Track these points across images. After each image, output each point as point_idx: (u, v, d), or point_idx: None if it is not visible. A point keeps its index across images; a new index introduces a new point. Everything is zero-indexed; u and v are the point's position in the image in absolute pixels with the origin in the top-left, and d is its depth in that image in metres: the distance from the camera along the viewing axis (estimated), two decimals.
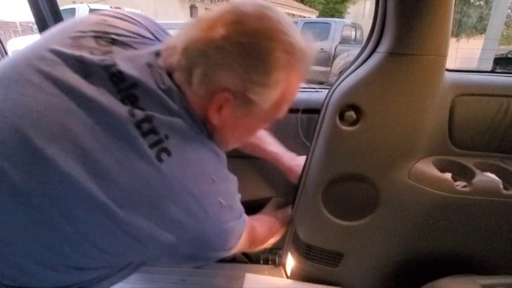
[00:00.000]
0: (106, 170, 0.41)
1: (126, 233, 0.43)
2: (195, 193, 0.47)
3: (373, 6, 0.76)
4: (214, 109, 0.50)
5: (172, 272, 1.09)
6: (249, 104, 0.49)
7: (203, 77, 0.47)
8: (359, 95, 0.77)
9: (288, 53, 0.47)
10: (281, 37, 0.47)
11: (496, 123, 0.83)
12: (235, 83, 0.47)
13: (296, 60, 0.49)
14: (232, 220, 0.57)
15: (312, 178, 0.91)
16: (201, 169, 0.49)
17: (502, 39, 6.84)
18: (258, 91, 0.48)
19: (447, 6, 0.66)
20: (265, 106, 0.51)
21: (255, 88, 0.47)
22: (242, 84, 0.47)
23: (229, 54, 0.45)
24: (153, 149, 0.44)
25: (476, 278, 0.76)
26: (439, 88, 0.76)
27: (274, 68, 0.47)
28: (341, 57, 5.74)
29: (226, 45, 0.45)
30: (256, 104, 0.49)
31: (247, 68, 0.46)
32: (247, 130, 0.60)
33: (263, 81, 0.47)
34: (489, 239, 0.86)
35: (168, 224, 0.45)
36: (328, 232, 0.95)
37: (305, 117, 0.96)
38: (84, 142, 0.41)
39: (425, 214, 0.85)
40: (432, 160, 0.84)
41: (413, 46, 0.70)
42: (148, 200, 0.43)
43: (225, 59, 0.45)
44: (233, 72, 0.46)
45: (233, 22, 0.46)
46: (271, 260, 1.19)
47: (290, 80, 0.50)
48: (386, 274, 0.99)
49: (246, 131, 0.60)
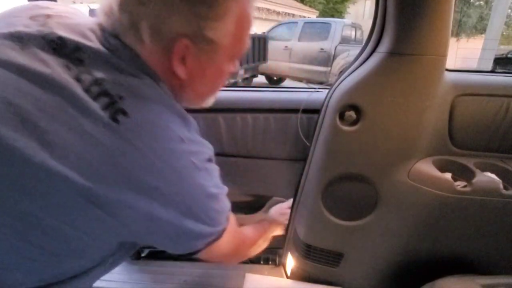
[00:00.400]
0: (61, 140, 0.38)
1: (96, 206, 0.39)
2: (162, 152, 0.42)
3: (373, 6, 0.76)
4: (178, 62, 0.47)
5: (173, 272, 1.09)
6: (210, 44, 0.46)
7: (152, 31, 0.44)
8: (359, 95, 0.77)
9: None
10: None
11: (496, 123, 0.83)
12: (187, 26, 0.43)
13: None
14: (213, 186, 0.50)
15: (312, 178, 0.91)
16: (165, 127, 0.44)
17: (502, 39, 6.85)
18: (213, 26, 0.45)
19: (447, 6, 0.66)
20: (226, 42, 0.48)
21: (209, 24, 0.44)
22: (195, 24, 0.44)
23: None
24: (107, 111, 0.40)
25: (476, 278, 0.76)
26: (439, 88, 0.76)
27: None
28: (341, 57, 5.74)
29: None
30: (217, 43, 0.47)
31: (192, 6, 0.43)
32: (217, 73, 0.54)
33: (214, 14, 0.44)
34: (489, 239, 0.86)
35: (138, 189, 0.41)
36: (328, 232, 0.95)
37: (305, 117, 0.96)
38: (30, 115, 0.38)
39: (425, 214, 0.85)
40: (432, 160, 0.84)
41: (413, 46, 0.70)
42: (112, 165, 0.39)
43: (166, 3, 0.42)
44: (180, 14, 0.43)
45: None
46: (271, 260, 1.19)
47: (239, 4, 0.47)
48: (386, 274, 0.99)
49: (217, 75, 0.54)
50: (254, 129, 0.98)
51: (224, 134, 0.99)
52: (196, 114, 1.02)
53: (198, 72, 0.50)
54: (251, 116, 0.98)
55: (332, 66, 5.87)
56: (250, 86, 4.83)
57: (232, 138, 1.00)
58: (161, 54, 0.46)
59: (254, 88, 1.12)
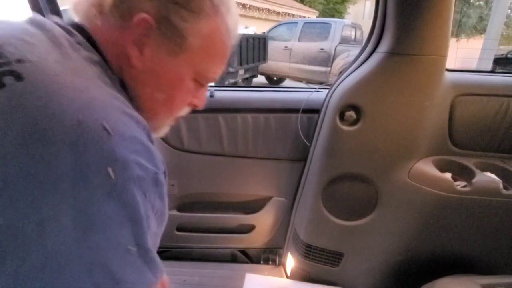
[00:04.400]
0: None
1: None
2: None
3: (373, 6, 0.76)
4: (133, 43, 0.40)
5: (173, 272, 1.09)
6: (174, 35, 0.40)
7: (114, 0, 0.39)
8: (359, 95, 0.77)
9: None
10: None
11: (496, 123, 0.83)
12: (155, 5, 0.39)
13: (219, 2, 0.43)
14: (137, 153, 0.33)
15: (312, 178, 0.91)
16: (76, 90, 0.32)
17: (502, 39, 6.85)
18: (183, 16, 0.40)
19: (447, 6, 0.66)
20: (194, 43, 0.42)
21: (179, 10, 0.40)
22: (164, 5, 0.39)
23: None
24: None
25: (476, 278, 0.76)
26: (439, 88, 0.77)
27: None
28: (341, 57, 5.74)
29: None
30: (183, 36, 0.41)
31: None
32: (175, 82, 0.45)
33: (187, 3, 0.40)
34: (489, 239, 0.86)
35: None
36: (328, 232, 0.95)
37: (305, 117, 0.96)
38: None
39: (425, 214, 0.85)
40: (432, 160, 0.84)
41: (413, 46, 0.70)
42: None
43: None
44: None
45: None
46: (271, 260, 1.19)
47: (216, 23, 0.43)
48: (386, 273, 0.99)
49: (174, 83, 0.45)
50: (254, 129, 0.98)
51: (224, 134, 0.99)
52: (196, 114, 1.02)
53: (154, 66, 0.42)
54: (251, 116, 0.98)
55: (332, 66, 5.87)
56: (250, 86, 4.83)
57: (232, 138, 1.00)
58: (116, 29, 0.40)
59: (254, 88, 1.12)
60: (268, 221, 1.11)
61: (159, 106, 0.47)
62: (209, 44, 0.44)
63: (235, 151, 1.01)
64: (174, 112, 0.49)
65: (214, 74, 0.47)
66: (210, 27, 0.43)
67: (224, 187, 1.07)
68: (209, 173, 1.05)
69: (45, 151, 0.28)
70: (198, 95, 0.50)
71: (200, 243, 1.14)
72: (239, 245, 1.17)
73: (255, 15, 11.91)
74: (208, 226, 1.12)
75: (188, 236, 1.12)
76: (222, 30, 0.44)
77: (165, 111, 0.48)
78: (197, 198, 1.08)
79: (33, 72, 0.32)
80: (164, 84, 0.45)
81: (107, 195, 0.30)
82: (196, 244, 1.15)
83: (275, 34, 6.86)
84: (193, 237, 1.13)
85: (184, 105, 0.50)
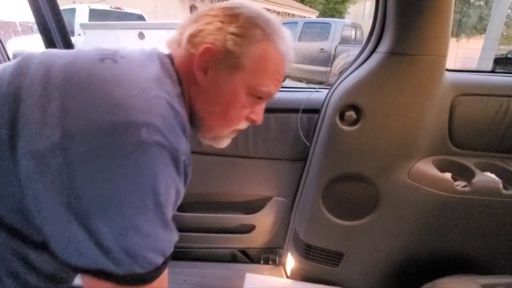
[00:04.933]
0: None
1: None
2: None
3: (373, 6, 0.76)
4: (199, 67, 0.52)
5: (172, 272, 1.09)
6: (230, 58, 0.51)
7: (189, 38, 0.52)
8: (359, 95, 0.77)
9: (266, 25, 0.53)
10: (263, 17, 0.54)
11: (496, 123, 0.83)
12: (216, 36, 0.51)
13: (272, 31, 0.53)
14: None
15: (312, 178, 0.91)
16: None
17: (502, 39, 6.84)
18: (238, 43, 0.50)
19: (447, 6, 0.66)
20: (247, 64, 0.52)
21: (235, 39, 0.50)
22: (222, 36, 0.50)
23: (212, 17, 0.52)
24: (98, 55, 0.46)
25: (476, 278, 0.76)
26: (439, 88, 0.76)
27: (249, 25, 0.52)
28: (341, 57, 5.73)
29: (211, 12, 0.53)
30: (238, 58, 0.51)
31: (224, 23, 0.51)
32: (232, 98, 0.55)
33: (240, 32, 0.51)
34: (489, 239, 0.86)
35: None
36: (328, 232, 0.95)
37: (305, 117, 0.96)
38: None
39: (425, 214, 0.85)
40: (432, 160, 0.84)
41: (413, 46, 0.70)
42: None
43: (210, 20, 0.52)
44: (213, 26, 0.51)
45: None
46: (271, 260, 1.19)
47: (268, 47, 0.53)
48: (386, 273, 0.99)
49: (231, 99, 0.55)
50: (254, 129, 0.98)
51: None
52: None
53: (215, 85, 0.53)
54: None
55: (332, 66, 5.86)
56: None
57: (232, 138, 1.00)
58: (188, 57, 0.52)
59: None
60: (268, 221, 1.11)
61: (216, 118, 0.56)
62: (260, 64, 0.53)
63: (235, 151, 1.01)
64: (230, 124, 0.58)
65: (267, 87, 0.56)
66: (261, 50, 0.53)
67: (224, 187, 1.07)
68: (209, 173, 1.04)
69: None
70: (256, 110, 0.59)
71: (200, 243, 1.14)
72: (239, 245, 1.17)
73: None
74: (208, 226, 1.12)
75: (188, 236, 1.12)
76: (272, 52, 0.54)
77: (221, 123, 0.58)
78: (197, 198, 1.08)
79: (126, 60, 0.47)
80: (221, 99, 0.54)
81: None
82: (196, 244, 1.15)
83: None
84: (193, 237, 1.12)
85: (241, 119, 0.58)
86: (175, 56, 0.54)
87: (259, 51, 0.52)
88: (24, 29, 7.46)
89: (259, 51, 0.52)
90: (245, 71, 0.52)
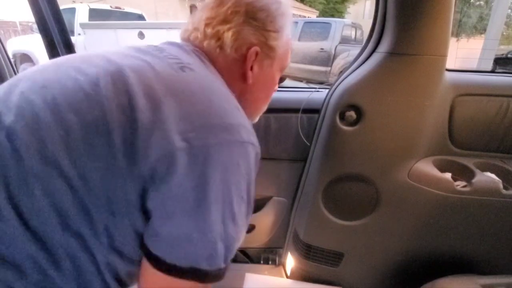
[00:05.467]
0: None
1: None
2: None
3: (373, 6, 0.76)
4: (249, 69, 0.56)
5: None
6: (270, 52, 0.57)
7: (234, 39, 0.54)
8: (359, 95, 0.77)
9: (285, 9, 0.58)
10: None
11: (496, 123, 0.83)
12: (257, 37, 0.55)
13: (285, 9, 0.58)
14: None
15: (312, 178, 0.91)
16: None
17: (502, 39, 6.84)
18: (274, 37, 0.56)
19: (447, 6, 0.66)
20: (281, 51, 0.58)
21: (272, 35, 0.56)
22: (262, 35, 0.55)
23: (242, 16, 0.54)
24: (175, 63, 0.47)
25: (476, 278, 0.76)
26: (439, 88, 0.76)
27: (277, 15, 0.56)
28: (341, 57, 5.72)
29: (237, 9, 0.54)
30: (276, 51, 0.57)
31: (260, 22, 0.55)
32: (271, 81, 0.63)
33: (275, 28, 0.56)
34: (489, 239, 0.86)
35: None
36: (328, 232, 0.95)
37: (305, 117, 0.96)
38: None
39: (425, 214, 0.85)
40: (432, 160, 0.84)
41: (413, 46, 0.70)
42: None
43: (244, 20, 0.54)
44: (253, 28, 0.55)
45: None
46: (271, 260, 1.19)
47: (288, 24, 0.59)
48: (386, 273, 0.99)
49: (270, 83, 0.63)
50: (254, 129, 0.98)
51: None
52: None
53: (260, 77, 0.58)
54: None
55: (332, 66, 5.86)
56: None
57: None
58: (235, 61, 0.55)
59: None
60: (268, 221, 1.11)
61: (260, 103, 0.66)
62: (286, 47, 0.61)
63: None
64: (268, 101, 0.67)
65: (289, 61, 0.64)
66: (286, 36, 0.59)
67: None
68: None
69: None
70: (278, 78, 0.66)
71: None
72: None
73: None
74: None
75: None
76: (289, 35, 0.61)
77: (263, 104, 0.67)
78: None
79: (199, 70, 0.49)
80: (265, 87, 0.63)
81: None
82: None
83: None
84: None
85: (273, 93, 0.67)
86: (216, 59, 0.55)
87: (285, 38, 0.58)
88: (24, 29, 7.45)
89: (285, 38, 0.59)
90: (279, 57, 0.59)
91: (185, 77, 0.45)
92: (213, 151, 0.39)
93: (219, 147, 0.40)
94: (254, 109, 0.65)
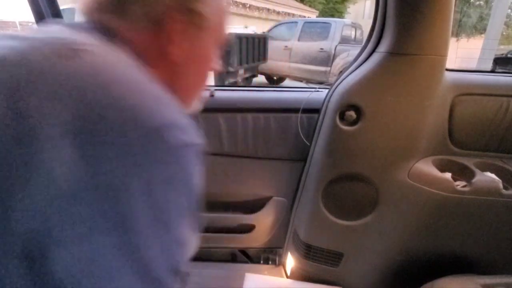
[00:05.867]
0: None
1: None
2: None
3: (373, 6, 0.76)
4: (171, 41, 0.43)
5: None
6: (198, 19, 0.43)
7: (143, 5, 0.40)
8: (359, 95, 0.77)
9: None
10: None
11: (496, 123, 0.83)
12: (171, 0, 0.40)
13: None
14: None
15: (312, 178, 0.91)
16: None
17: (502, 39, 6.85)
18: (202, 0, 0.43)
19: (447, 6, 0.66)
20: (213, 20, 0.45)
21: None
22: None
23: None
24: (62, 47, 0.33)
25: (476, 278, 0.76)
26: (439, 88, 0.76)
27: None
28: (341, 57, 5.73)
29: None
30: (205, 18, 0.44)
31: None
32: (205, 60, 0.50)
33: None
34: (489, 239, 0.86)
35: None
36: (328, 232, 0.95)
37: (305, 117, 0.96)
38: None
39: (425, 214, 0.85)
40: (432, 160, 0.84)
41: (413, 46, 0.70)
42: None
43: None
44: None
45: None
46: (271, 259, 1.19)
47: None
48: (386, 273, 0.99)
49: (205, 61, 0.50)
50: (254, 129, 0.98)
51: (224, 134, 0.99)
52: (196, 114, 1.02)
53: (189, 53, 0.45)
54: (251, 116, 0.98)
55: (332, 66, 5.86)
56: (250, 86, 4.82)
57: (232, 138, 1.00)
58: (151, 34, 0.41)
59: (254, 88, 1.12)
60: (268, 221, 1.11)
61: (196, 86, 0.52)
62: (222, 15, 0.49)
63: (235, 151, 1.01)
64: (204, 85, 0.54)
65: (226, 34, 0.52)
66: (220, 2, 0.47)
67: (224, 186, 1.07)
68: (208, 173, 1.04)
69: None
70: (216, 56, 0.53)
71: (200, 243, 1.14)
72: (239, 245, 1.17)
73: (255, 14, 11.90)
74: (208, 226, 1.12)
75: None
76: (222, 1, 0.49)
77: (200, 86, 0.53)
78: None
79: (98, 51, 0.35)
80: (198, 66, 0.49)
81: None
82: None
83: (275, 33, 6.86)
84: None
85: (209, 76, 0.54)
86: (124, 34, 0.41)
87: (219, 3, 0.47)
88: (24, 29, 7.45)
89: (219, 3, 0.47)
90: (213, 27, 0.46)
91: (76, 67, 0.32)
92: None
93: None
94: (188, 95, 0.51)
